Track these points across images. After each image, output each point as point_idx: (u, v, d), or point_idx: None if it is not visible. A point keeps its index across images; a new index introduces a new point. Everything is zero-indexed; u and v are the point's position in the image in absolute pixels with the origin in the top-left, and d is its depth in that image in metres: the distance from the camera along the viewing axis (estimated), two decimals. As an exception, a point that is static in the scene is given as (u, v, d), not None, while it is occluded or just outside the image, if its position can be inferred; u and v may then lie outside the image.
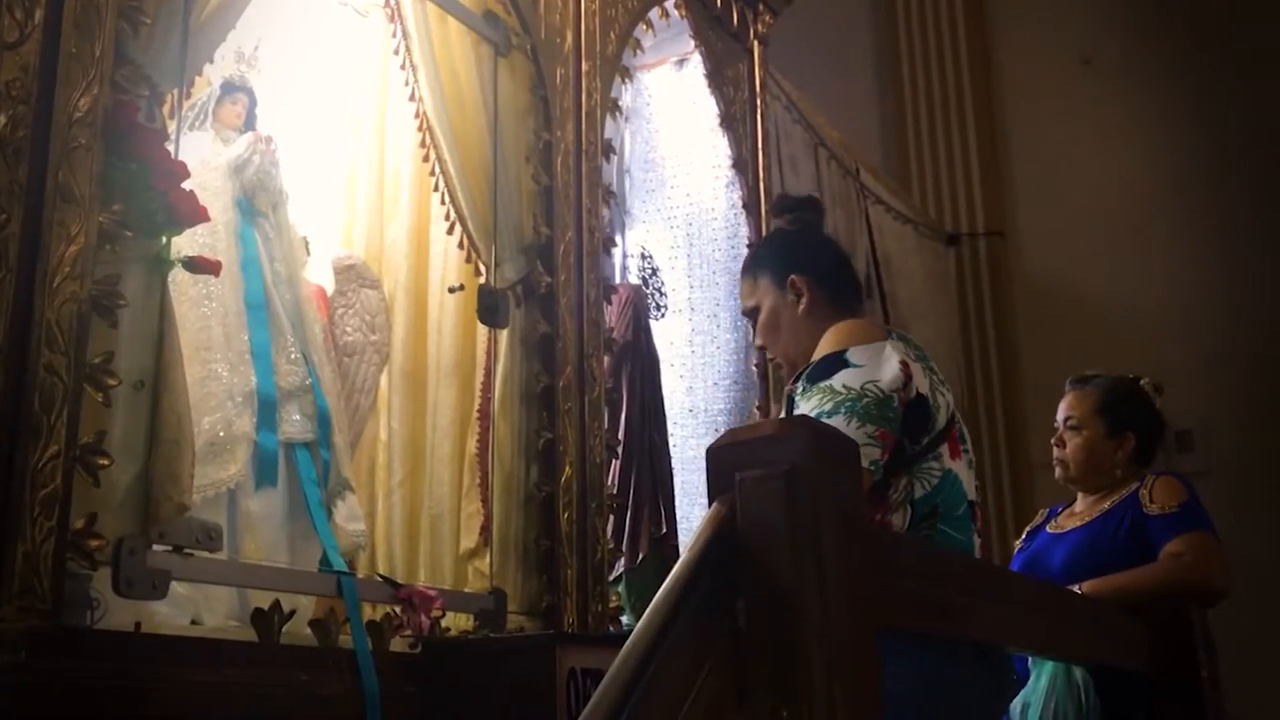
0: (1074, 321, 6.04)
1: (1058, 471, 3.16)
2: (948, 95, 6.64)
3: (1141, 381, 3.16)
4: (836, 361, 2.04)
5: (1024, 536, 3.27)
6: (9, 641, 1.83)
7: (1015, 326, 6.32)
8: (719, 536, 1.16)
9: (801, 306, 2.26)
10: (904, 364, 2.05)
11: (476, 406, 3.20)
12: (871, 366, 2.02)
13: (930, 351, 5.89)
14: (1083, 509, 3.12)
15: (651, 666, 1.05)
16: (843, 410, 1.94)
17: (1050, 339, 6.04)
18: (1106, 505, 3.03)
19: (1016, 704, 2.94)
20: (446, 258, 3.33)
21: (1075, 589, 2.81)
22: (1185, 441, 5.55)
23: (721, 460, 1.22)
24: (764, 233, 4.18)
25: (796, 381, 2.11)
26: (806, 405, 1.99)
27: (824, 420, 1.91)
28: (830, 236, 2.42)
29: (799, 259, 2.30)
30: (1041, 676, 2.86)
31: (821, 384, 2.01)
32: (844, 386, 1.98)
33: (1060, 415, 3.14)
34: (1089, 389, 3.12)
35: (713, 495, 1.22)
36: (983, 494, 5.94)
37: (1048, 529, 3.17)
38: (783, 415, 2.14)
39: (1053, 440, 3.15)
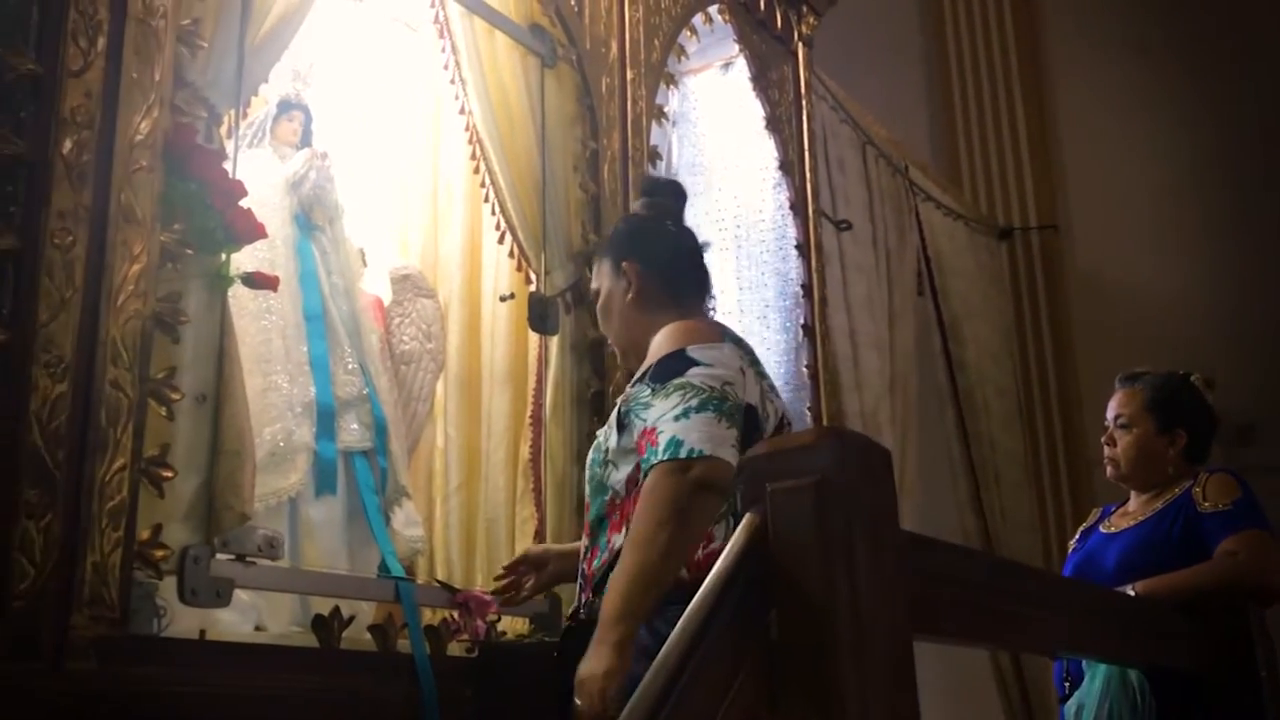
0: (1130, 315, 5.97)
1: (1109, 470, 3.14)
2: (997, 87, 6.58)
3: (1192, 377, 3.13)
4: (682, 359, 2.00)
5: (1077, 536, 3.25)
6: (79, 649, 1.90)
7: (1070, 321, 6.25)
8: (751, 548, 1.19)
9: (630, 294, 2.23)
10: (741, 370, 2.05)
11: (529, 412, 3.25)
12: (719, 365, 2.00)
13: (984, 349, 5.84)
14: (1135, 508, 3.10)
15: (684, 677, 1.08)
16: (710, 407, 1.92)
17: (1105, 333, 5.97)
18: (1159, 504, 3.01)
19: (1071, 705, 2.93)
20: (498, 266, 3.39)
21: (1129, 589, 2.80)
22: (1247, 436, 5.47)
23: (754, 470, 1.25)
24: (811, 234, 4.19)
25: (635, 385, 2.08)
26: (665, 404, 1.94)
27: (692, 416, 1.90)
28: (682, 227, 2.36)
29: (635, 246, 2.27)
30: (1096, 678, 2.84)
31: (677, 381, 1.97)
32: (704, 384, 1.95)
33: (1110, 413, 3.12)
34: (1138, 386, 3.10)
35: (746, 506, 1.25)
36: (1040, 491, 5.92)
37: (1101, 529, 3.15)
38: (614, 418, 2.10)
39: (1103, 439, 3.13)
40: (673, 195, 2.38)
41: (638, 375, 2.11)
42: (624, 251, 2.27)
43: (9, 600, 1.84)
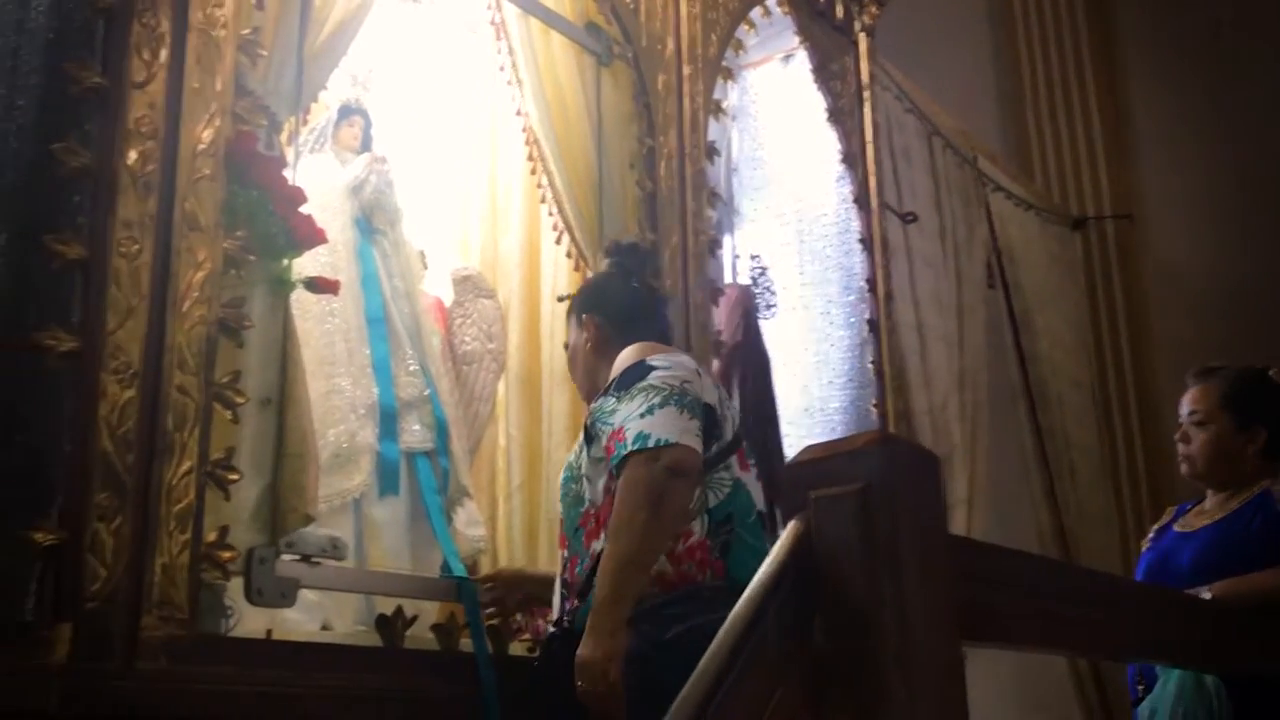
0: (1208, 306, 5.80)
1: (1184, 468, 3.07)
2: (1067, 72, 6.42)
3: (1270, 372, 3.05)
4: (642, 367, 2.17)
5: (1151, 535, 3.19)
6: (150, 649, 1.95)
7: (1146, 312, 6.09)
8: (795, 555, 1.18)
9: (589, 343, 2.43)
10: (696, 371, 2.21)
11: (589, 411, 3.26)
12: (676, 368, 2.15)
13: (1057, 341, 5.73)
14: (1212, 506, 3.03)
15: (727, 682, 1.08)
16: (672, 402, 2.07)
17: (1183, 324, 5.82)
18: (1236, 503, 2.94)
19: (1144, 709, 2.87)
20: (557, 266, 3.41)
21: (1204, 591, 2.74)
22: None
23: (797, 478, 1.24)
24: (876, 228, 4.15)
25: (599, 400, 2.22)
26: (630, 406, 2.09)
27: (656, 412, 2.05)
28: (642, 282, 2.60)
29: (594, 300, 2.50)
30: (1169, 682, 2.78)
31: (639, 385, 2.12)
32: (664, 383, 2.11)
33: (1184, 410, 3.05)
34: (1213, 381, 3.02)
35: (790, 513, 1.24)
36: (1117, 485, 5.80)
37: (1175, 527, 3.09)
38: (582, 435, 2.26)
39: (1176, 436, 3.06)
40: (632, 255, 2.62)
41: (601, 391, 2.26)
42: (585, 306, 2.50)
43: (82, 601, 1.90)
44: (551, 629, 2.27)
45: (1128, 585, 2.50)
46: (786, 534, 1.21)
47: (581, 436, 2.26)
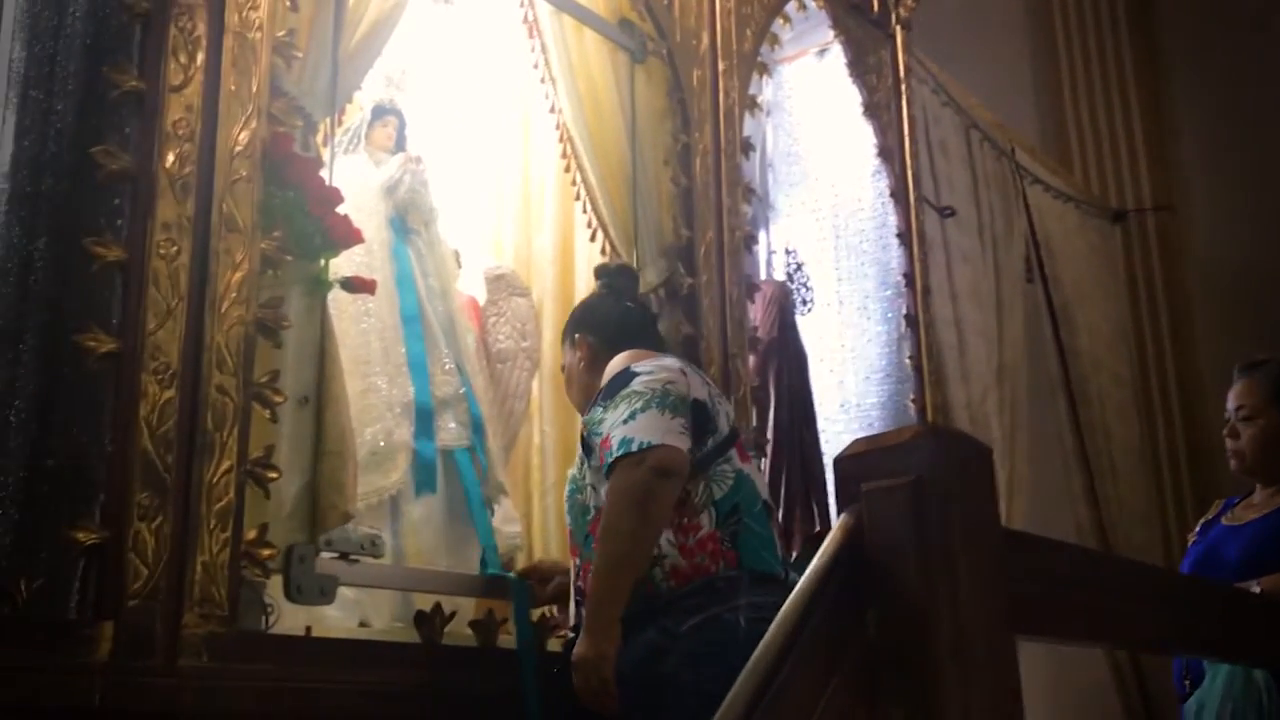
0: (1251, 298, 5.72)
1: (1233, 464, 3.03)
2: (1106, 63, 6.34)
3: (1318, 363, 3.00)
4: (626, 374, 2.23)
5: (1198, 529, 3.15)
6: (192, 646, 1.96)
7: (1189, 305, 6.00)
8: (846, 548, 1.17)
9: (582, 362, 2.51)
10: (682, 370, 2.25)
11: (625, 409, 3.25)
12: (659, 370, 2.21)
13: (1098, 335, 5.67)
14: (1261, 500, 3.00)
15: (780, 676, 1.07)
16: (654, 405, 2.12)
17: (1226, 318, 5.73)
18: (1286, 497, 2.90)
19: (1191, 705, 2.84)
20: (591, 264, 3.38)
21: (1253, 585, 2.70)
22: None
23: (848, 471, 1.23)
24: (913, 222, 4.12)
25: (589, 411, 2.28)
26: (615, 414, 2.15)
27: (639, 416, 2.10)
28: (634, 301, 2.68)
29: (587, 320, 2.57)
30: (1217, 677, 2.75)
31: (623, 392, 2.18)
32: (646, 386, 2.17)
33: (1231, 405, 3.01)
34: (1259, 375, 2.99)
35: (840, 506, 1.23)
36: (1158, 481, 5.72)
37: (1223, 521, 3.05)
38: (580, 447, 2.32)
39: (1225, 431, 3.02)
40: (621, 275, 2.71)
41: (592, 402, 2.32)
42: (577, 327, 2.58)
43: (124, 600, 1.91)
44: (570, 634, 2.30)
45: (1176, 579, 2.46)
46: (838, 527, 1.19)
47: (580, 449, 2.32)
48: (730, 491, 2.20)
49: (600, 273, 2.75)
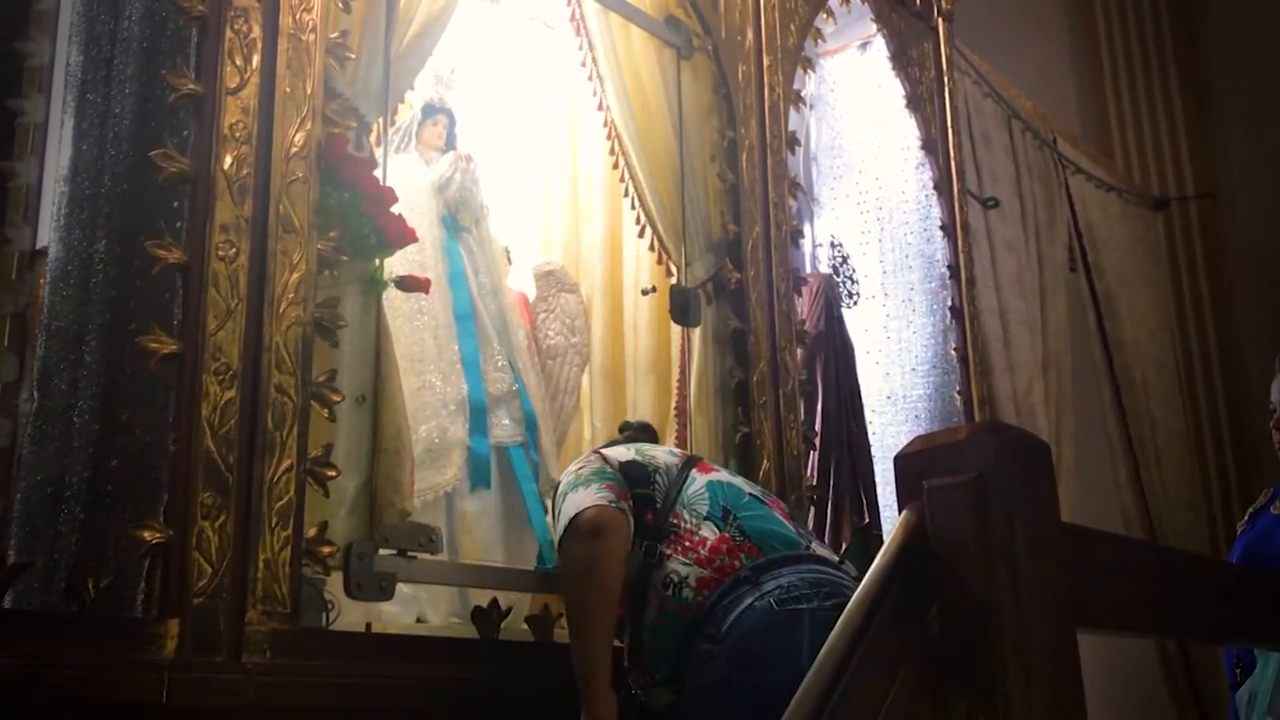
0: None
1: (1282, 457, 3.01)
2: (1148, 51, 6.28)
3: (1366, 352, 2.97)
4: (556, 490, 2.34)
5: (1246, 518, 3.13)
6: (255, 643, 2.00)
7: (1232, 293, 5.95)
8: (909, 545, 1.18)
9: None
10: (595, 452, 2.40)
11: (674, 404, 3.28)
12: (573, 470, 2.33)
13: (1142, 324, 5.61)
14: (1310, 489, 2.97)
15: (847, 673, 1.08)
16: (570, 490, 2.23)
17: (1270, 305, 5.68)
18: (1334, 486, 2.88)
19: (1243, 693, 2.83)
20: (639, 259, 3.42)
21: (1304, 574, 2.68)
22: None
23: (909, 468, 1.24)
24: (957, 214, 4.11)
25: None
26: (555, 521, 2.26)
27: (563, 506, 2.21)
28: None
29: None
30: (1269, 665, 2.74)
31: (553, 504, 2.32)
32: (563, 486, 2.29)
33: (1275, 396, 2.99)
34: (1305, 366, 2.96)
35: (902, 503, 1.24)
36: (1204, 469, 5.67)
37: (1272, 510, 3.03)
38: None
39: (1271, 424, 3.00)
40: (641, 432, 2.74)
41: None
42: None
43: (189, 597, 1.94)
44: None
45: (1228, 569, 2.45)
46: (900, 525, 1.20)
47: None
48: (712, 502, 2.28)
49: (624, 428, 2.83)
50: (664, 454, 2.41)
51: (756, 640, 2.02)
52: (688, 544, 2.21)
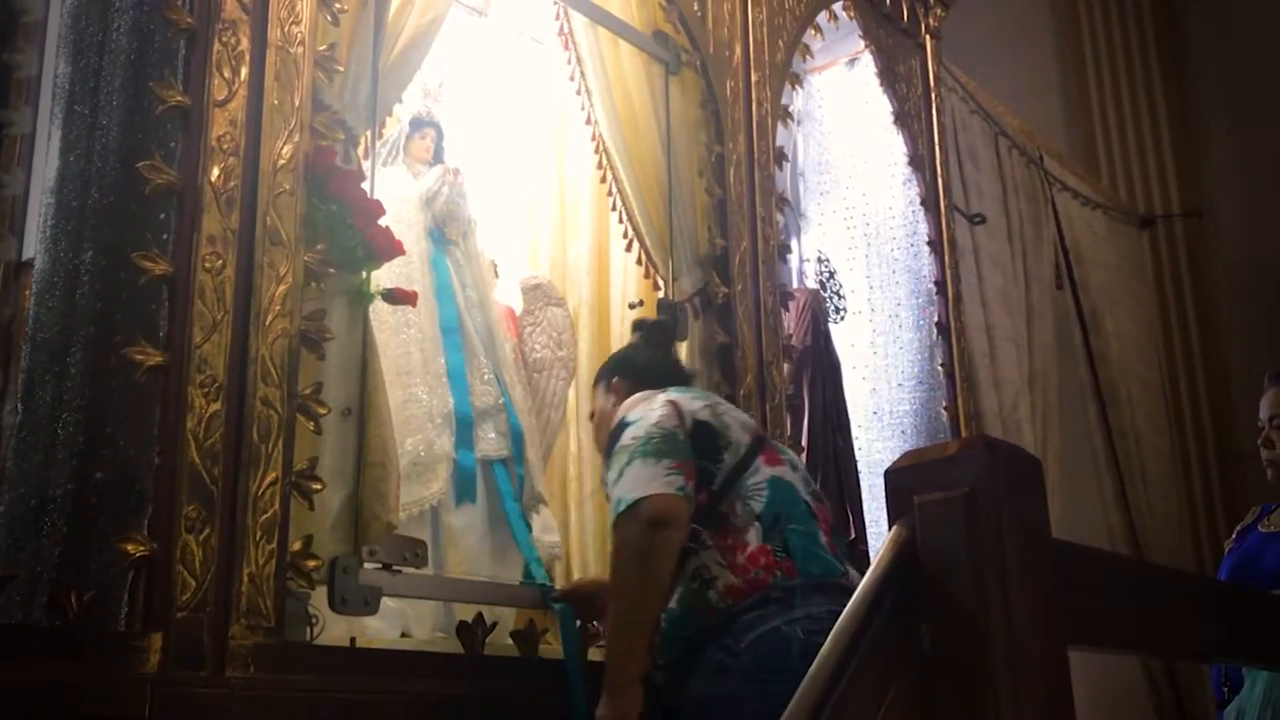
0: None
1: (1269, 473, 3.03)
2: (1134, 69, 6.33)
3: (1351, 370, 2.99)
4: (619, 427, 2.25)
5: (1234, 536, 3.15)
6: (239, 658, 1.98)
7: (1218, 311, 5.99)
8: (900, 561, 1.17)
9: (615, 406, 2.47)
10: (669, 403, 2.25)
11: (660, 418, 3.26)
12: (645, 415, 2.21)
13: (1127, 341, 5.63)
14: (1297, 506, 2.98)
15: (837, 690, 1.08)
16: (638, 456, 2.13)
17: (1255, 323, 5.71)
18: (1322, 503, 2.89)
19: (1230, 711, 2.84)
20: (626, 273, 3.42)
21: (1291, 591, 2.69)
22: None
23: (899, 483, 1.23)
24: (944, 230, 4.12)
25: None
26: (612, 474, 2.18)
27: (626, 472, 2.12)
28: (664, 350, 2.70)
29: (621, 367, 2.58)
30: (1257, 684, 2.75)
31: (614, 450, 2.20)
32: (631, 438, 2.18)
33: (1264, 413, 3.00)
34: (1294, 383, 2.98)
35: (892, 518, 1.23)
36: (1189, 486, 5.70)
37: (1259, 528, 3.05)
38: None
39: (1259, 441, 3.01)
40: (660, 330, 2.73)
41: None
42: (612, 373, 2.59)
43: (172, 611, 1.93)
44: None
45: (1217, 587, 2.46)
46: (890, 539, 1.20)
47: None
48: (768, 502, 2.20)
49: (638, 326, 2.78)
50: (738, 425, 2.31)
51: (779, 666, 1.96)
52: (730, 542, 2.15)
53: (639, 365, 2.57)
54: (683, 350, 3.15)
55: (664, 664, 2.16)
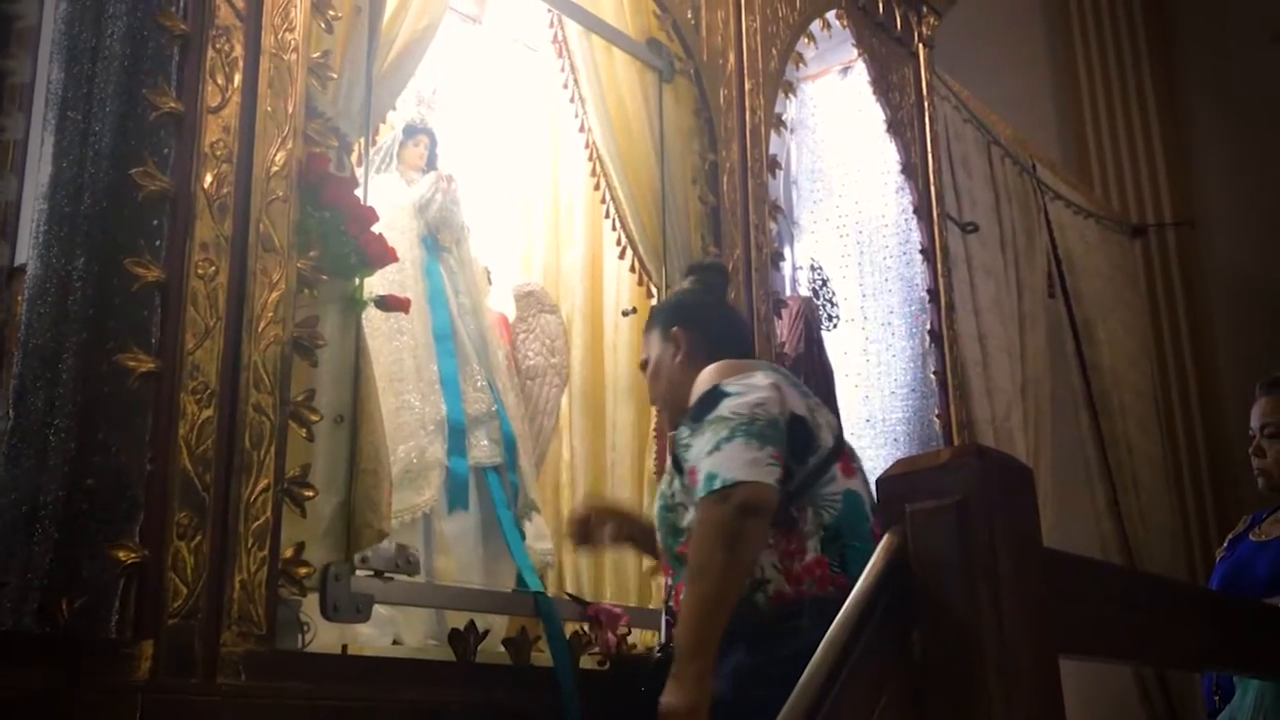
0: (1273, 313, 5.70)
1: (1260, 482, 3.03)
2: (1126, 79, 6.35)
3: (1341, 379, 3.00)
4: (715, 394, 2.11)
5: (1225, 545, 3.15)
6: (230, 665, 1.98)
7: (1210, 320, 6.00)
8: (892, 569, 1.17)
9: (679, 357, 2.36)
10: (775, 386, 2.12)
11: (653, 425, 3.27)
12: (748, 391, 2.09)
13: (1120, 350, 5.65)
14: (1288, 515, 2.99)
15: (829, 698, 1.08)
16: (739, 435, 2.02)
17: (1247, 332, 5.73)
18: (1313, 512, 2.90)
19: (1222, 719, 2.84)
20: (620, 281, 3.42)
21: (1281, 600, 2.70)
22: None
23: (891, 491, 1.23)
24: (936, 238, 4.13)
25: (678, 428, 2.18)
26: (701, 441, 2.06)
27: (724, 448, 2.00)
28: (725, 301, 2.58)
29: (682, 314, 2.43)
30: (1248, 692, 2.75)
31: (709, 417, 2.08)
32: (733, 412, 2.05)
33: (1255, 422, 3.00)
34: (1283, 392, 2.98)
35: (884, 526, 1.23)
36: (1181, 495, 5.71)
37: (1251, 537, 3.05)
38: (669, 462, 2.21)
39: (1250, 450, 3.02)
40: (716, 273, 2.58)
41: (682, 416, 2.22)
42: (672, 320, 2.42)
43: (164, 619, 1.92)
44: (658, 653, 2.26)
45: (1208, 596, 2.46)
46: (882, 547, 1.20)
47: (670, 464, 2.21)
48: (839, 515, 2.11)
49: (694, 269, 2.64)
50: (826, 427, 2.20)
51: None
52: (791, 548, 2.07)
53: (706, 319, 2.43)
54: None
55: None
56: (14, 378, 2.08)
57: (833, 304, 4.14)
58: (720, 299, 2.54)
